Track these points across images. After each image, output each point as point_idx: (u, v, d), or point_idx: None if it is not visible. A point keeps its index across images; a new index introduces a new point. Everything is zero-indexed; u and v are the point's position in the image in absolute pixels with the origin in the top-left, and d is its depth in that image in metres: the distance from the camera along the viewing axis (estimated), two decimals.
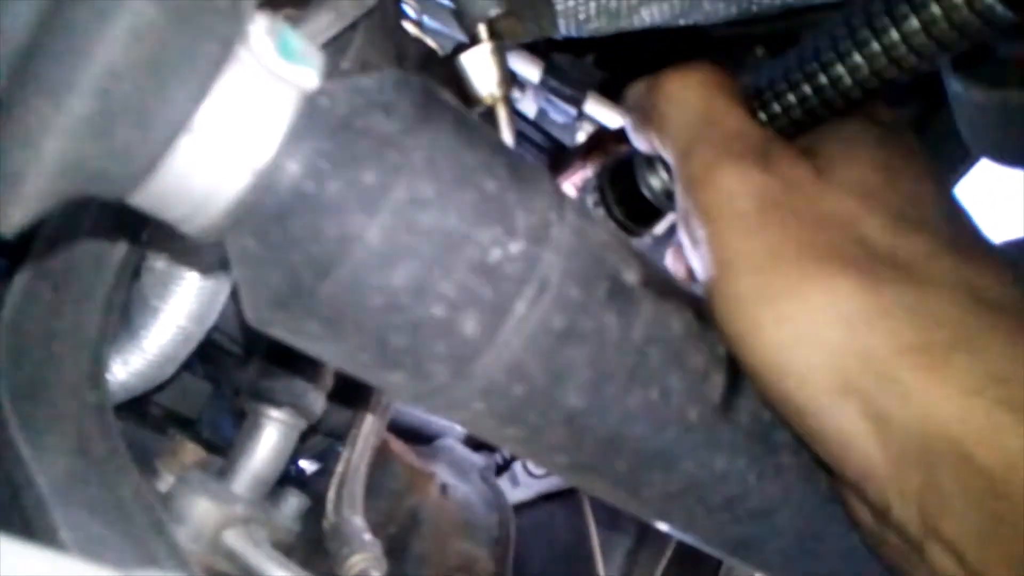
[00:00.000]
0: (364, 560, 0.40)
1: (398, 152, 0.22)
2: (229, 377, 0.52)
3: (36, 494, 0.30)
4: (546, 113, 0.63)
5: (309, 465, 0.58)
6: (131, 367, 0.43)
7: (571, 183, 0.51)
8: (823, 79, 0.30)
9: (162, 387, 0.47)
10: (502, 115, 0.47)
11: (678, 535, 0.33)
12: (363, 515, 0.44)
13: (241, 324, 0.47)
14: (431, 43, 0.47)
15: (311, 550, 0.43)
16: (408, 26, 0.46)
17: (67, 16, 0.17)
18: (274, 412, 0.43)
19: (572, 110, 0.61)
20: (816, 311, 0.25)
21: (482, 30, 0.45)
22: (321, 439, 0.54)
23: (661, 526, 0.33)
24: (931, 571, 0.26)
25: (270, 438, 0.42)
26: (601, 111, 0.61)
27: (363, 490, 0.45)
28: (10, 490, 0.31)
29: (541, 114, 0.64)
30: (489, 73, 0.46)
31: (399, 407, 0.54)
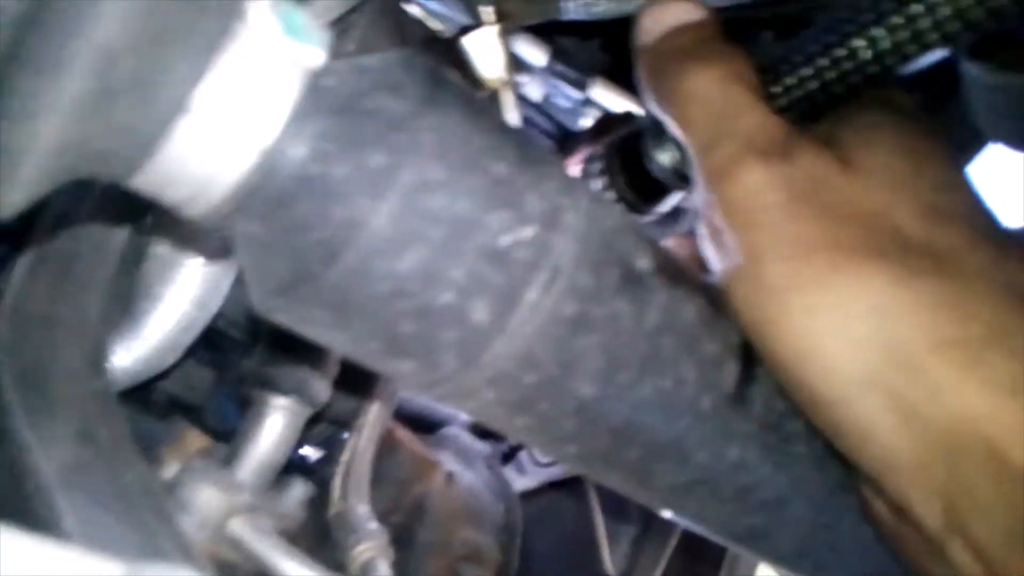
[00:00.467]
0: (370, 548, 0.40)
1: (406, 134, 0.21)
2: (234, 364, 0.52)
3: (39, 482, 0.30)
4: (551, 98, 0.62)
5: (314, 452, 0.57)
6: (134, 354, 0.43)
7: (571, 166, 0.51)
8: (841, 52, 0.29)
9: (166, 374, 0.46)
10: (506, 99, 0.46)
11: (688, 525, 0.33)
12: (369, 503, 0.43)
13: (246, 311, 0.46)
14: (435, 25, 0.46)
15: (317, 538, 0.43)
16: (411, 8, 0.45)
17: None
18: (279, 400, 0.42)
19: (578, 94, 0.60)
20: (847, 302, 0.25)
21: (486, 12, 0.45)
22: (326, 426, 0.54)
23: (671, 516, 0.32)
24: (951, 569, 0.25)
25: (275, 426, 0.42)
26: (607, 96, 0.60)
27: (369, 478, 0.44)
28: (13, 478, 0.31)
29: (546, 98, 0.63)
30: (493, 56, 0.45)
31: (405, 394, 0.53)
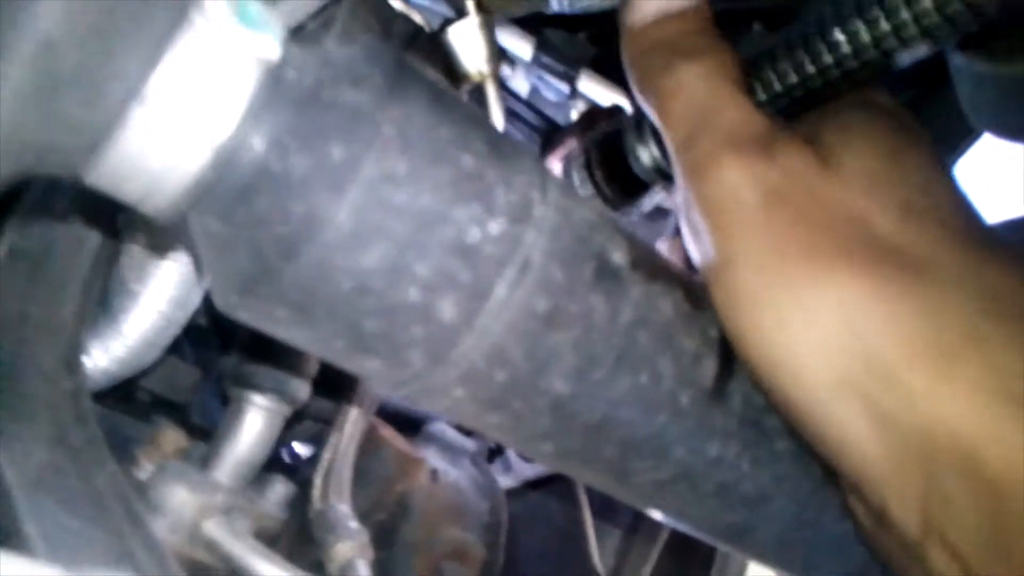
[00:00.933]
0: (350, 548, 0.40)
1: (368, 126, 0.20)
2: (217, 362, 0.51)
3: (3, 486, 0.29)
4: (538, 91, 0.62)
5: (304, 449, 0.57)
6: (111, 353, 0.42)
7: (556, 157, 0.50)
8: (820, 46, 0.28)
9: (149, 372, 0.46)
10: (491, 92, 0.46)
11: (669, 522, 0.32)
12: (351, 502, 0.43)
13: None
14: (417, 18, 0.46)
15: (297, 538, 0.42)
16: (394, 1, 0.45)
17: None
18: (258, 398, 0.42)
19: (565, 88, 0.60)
20: (820, 312, 0.25)
21: (470, 3, 0.44)
22: (311, 423, 0.53)
23: (652, 513, 0.32)
24: (929, 573, 0.25)
25: (254, 425, 0.41)
26: (595, 88, 0.59)
27: (351, 476, 0.44)
28: None
29: (533, 92, 0.62)
30: (477, 48, 0.44)
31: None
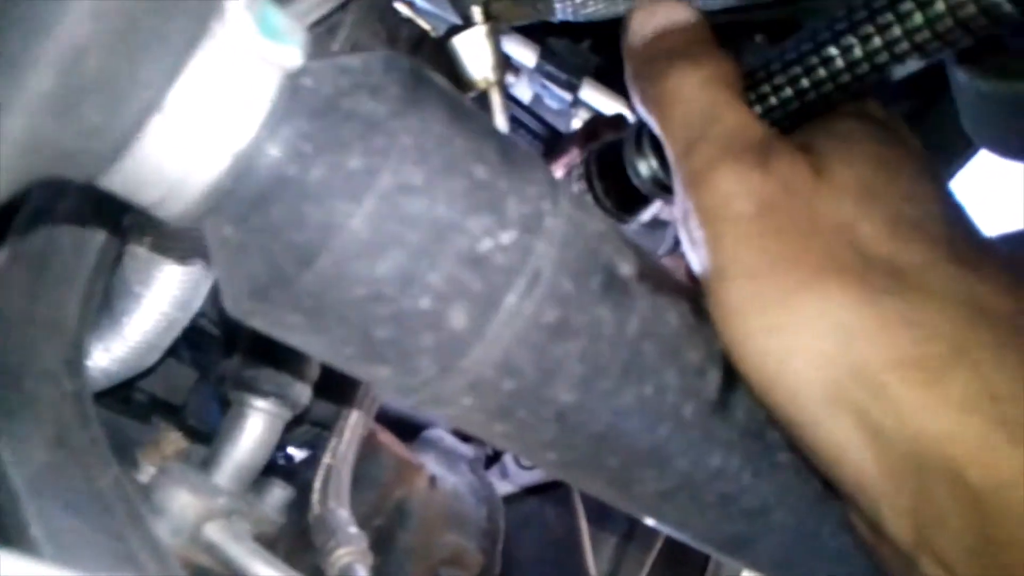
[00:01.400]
0: (349, 553, 0.40)
1: (385, 136, 0.21)
2: (216, 364, 0.51)
3: (8, 487, 0.29)
4: (541, 99, 0.62)
5: (299, 453, 0.57)
6: (113, 354, 0.42)
7: (559, 167, 0.50)
8: (814, 59, 0.29)
9: (147, 374, 0.46)
10: (495, 100, 0.46)
11: (670, 532, 0.33)
12: (349, 507, 0.43)
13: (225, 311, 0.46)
14: (424, 25, 0.46)
15: (296, 543, 0.42)
16: (400, 7, 0.45)
17: None
18: (258, 402, 0.42)
19: (567, 96, 0.60)
20: (809, 322, 0.25)
21: (476, 12, 0.44)
22: (309, 428, 0.53)
23: (653, 523, 0.32)
24: None
25: (254, 429, 0.41)
26: (597, 97, 0.60)
27: (350, 481, 0.44)
28: None
29: (536, 100, 0.62)
30: (483, 56, 0.45)
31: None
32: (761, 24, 0.57)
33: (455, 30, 0.45)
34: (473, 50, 0.45)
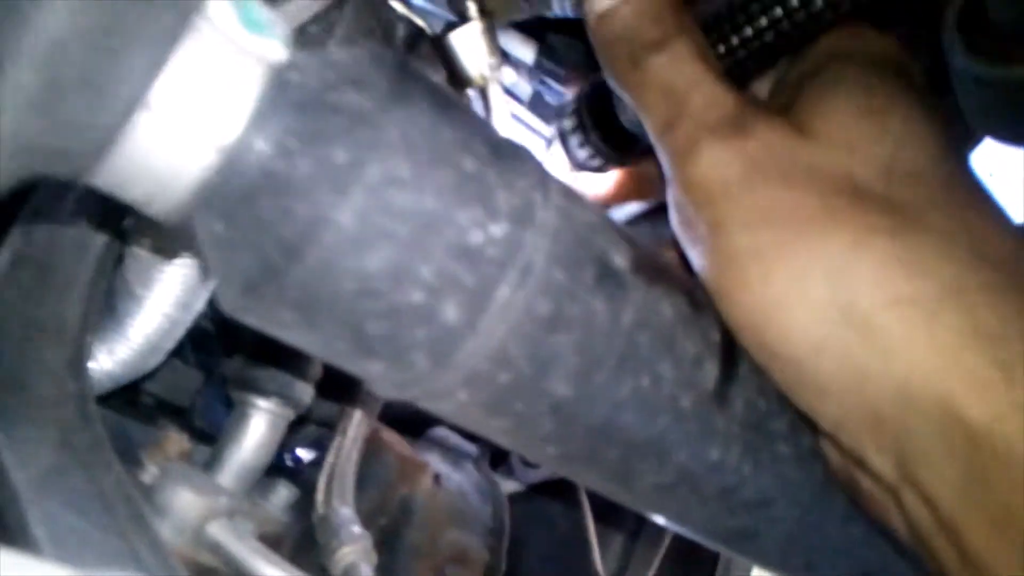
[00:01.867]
0: (353, 552, 0.40)
1: (371, 129, 0.21)
2: (221, 365, 0.51)
3: (10, 488, 0.29)
4: (541, 95, 0.62)
5: (306, 453, 0.57)
6: (116, 356, 0.42)
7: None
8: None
9: (152, 376, 0.46)
10: (493, 96, 0.46)
11: (672, 526, 0.32)
12: (354, 506, 0.43)
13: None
14: (419, 22, 0.46)
15: (301, 542, 0.42)
16: (395, 4, 0.45)
17: None
18: (261, 402, 0.42)
19: (567, 92, 0.60)
20: (803, 268, 0.25)
21: (471, 8, 0.44)
22: (315, 428, 0.53)
23: (654, 517, 0.32)
24: (905, 518, 0.26)
25: (257, 428, 0.41)
26: None
27: (354, 480, 0.44)
28: None
29: (535, 96, 0.62)
30: (479, 53, 0.45)
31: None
32: None
33: (451, 27, 0.45)
34: (469, 46, 0.45)
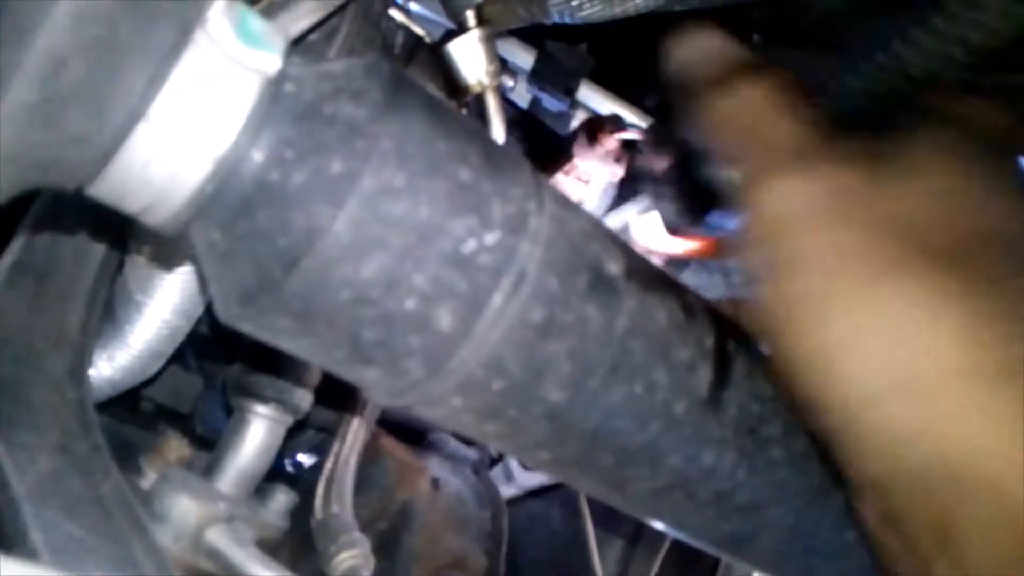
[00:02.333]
0: (352, 557, 0.40)
1: (366, 140, 0.21)
2: (221, 371, 0.51)
3: (9, 495, 0.29)
4: (540, 102, 0.62)
5: (307, 459, 0.57)
6: (116, 362, 0.43)
7: (564, 172, 0.50)
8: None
9: (152, 381, 0.46)
10: (491, 104, 0.46)
11: (667, 531, 0.33)
12: (352, 511, 0.43)
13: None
14: (418, 30, 0.46)
15: (300, 547, 0.43)
16: (395, 13, 0.45)
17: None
18: (261, 408, 0.42)
19: (565, 99, 0.60)
20: (870, 317, 0.25)
21: (470, 16, 0.44)
22: (314, 433, 0.54)
23: (650, 521, 0.32)
24: None
25: (256, 434, 0.42)
26: (594, 99, 0.60)
27: (352, 486, 0.44)
28: None
29: (534, 103, 0.63)
30: (478, 61, 0.45)
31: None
32: (757, 23, 0.57)
33: (450, 35, 0.45)
34: (468, 55, 0.45)
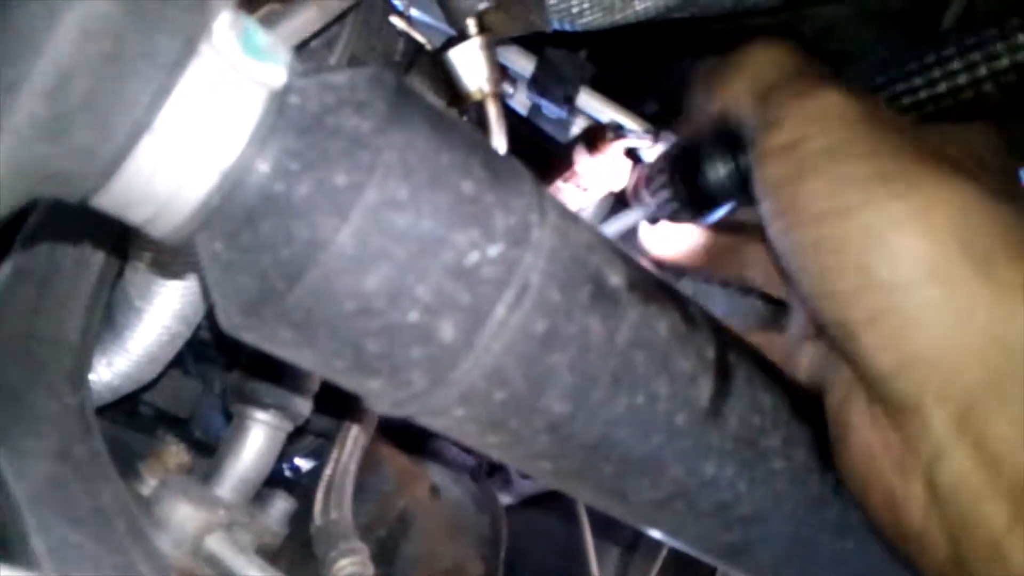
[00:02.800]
0: (351, 564, 0.40)
1: (370, 152, 0.21)
2: (220, 377, 0.51)
3: (10, 501, 0.29)
4: (539, 109, 0.62)
5: (306, 463, 0.57)
6: (116, 368, 0.43)
7: (563, 180, 0.50)
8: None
9: (152, 387, 0.46)
10: (492, 111, 0.46)
11: (667, 541, 0.33)
12: (352, 517, 0.43)
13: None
14: (419, 38, 0.46)
15: (299, 554, 0.43)
16: (396, 21, 0.45)
17: (17, 13, 0.16)
18: (260, 414, 0.42)
19: (565, 105, 0.60)
20: (929, 195, 0.26)
21: (471, 24, 0.45)
22: (313, 439, 0.53)
23: (649, 531, 0.32)
24: (943, 477, 0.26)
25: (256, 441, 0.42)
26: (594, 106, 0.60)
27: (352, 492, 0.44)
28: None
29: (534, 110, 0.63)
30: (478, 68, 0.45)
31: None
32: (758, 31, 0.57)
33: (450, 43, 0.45)
34: (469, 62, 0.45)
